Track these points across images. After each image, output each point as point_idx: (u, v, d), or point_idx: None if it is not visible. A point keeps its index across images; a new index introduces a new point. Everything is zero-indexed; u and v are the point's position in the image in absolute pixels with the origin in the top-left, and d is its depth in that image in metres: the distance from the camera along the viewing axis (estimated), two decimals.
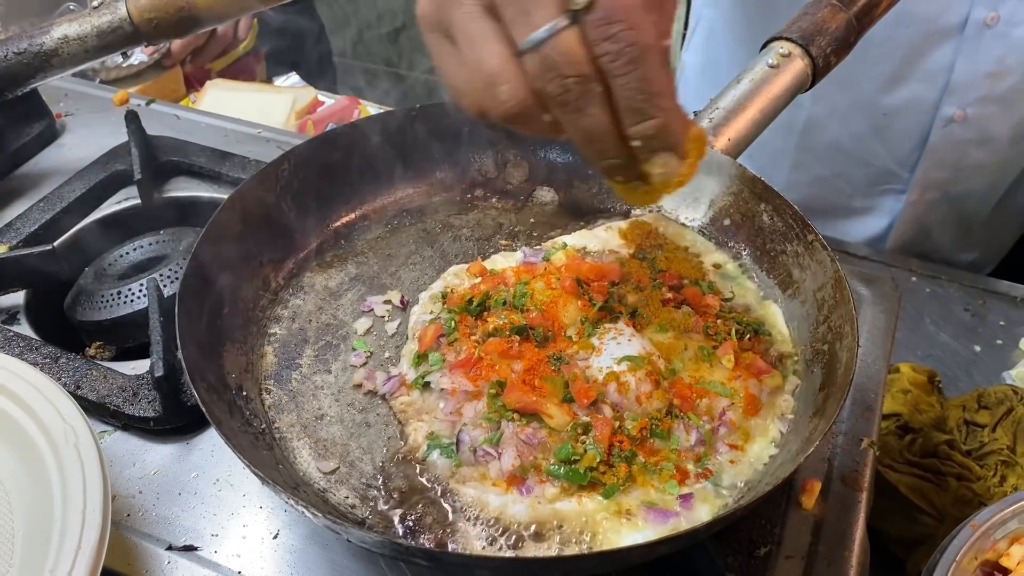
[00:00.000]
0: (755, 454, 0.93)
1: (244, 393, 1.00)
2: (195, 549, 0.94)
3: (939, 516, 1.16)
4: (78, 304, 1.22)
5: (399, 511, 0.90)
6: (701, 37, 1.89)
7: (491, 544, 0.86)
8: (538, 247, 1.17)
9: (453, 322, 1.03)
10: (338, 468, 0.95)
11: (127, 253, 1.30)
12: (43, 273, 1.22)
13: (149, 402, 1.05)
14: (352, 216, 1.23)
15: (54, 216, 1.36)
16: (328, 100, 2.09)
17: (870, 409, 1.06)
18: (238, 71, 2.36)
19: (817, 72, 1.16)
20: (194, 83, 2.21)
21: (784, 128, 1.66)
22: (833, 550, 0.92)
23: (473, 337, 1.01)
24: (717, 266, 1.14)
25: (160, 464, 1.03)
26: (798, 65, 1.14)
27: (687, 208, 1.20)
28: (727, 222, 1.16)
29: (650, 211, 1.22)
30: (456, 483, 0.91)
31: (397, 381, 1.02)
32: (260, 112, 1.85)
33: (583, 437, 0.90)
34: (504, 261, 1.15)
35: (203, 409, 0.86)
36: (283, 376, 1.04)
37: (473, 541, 0.86)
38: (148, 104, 1.69)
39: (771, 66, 1.14)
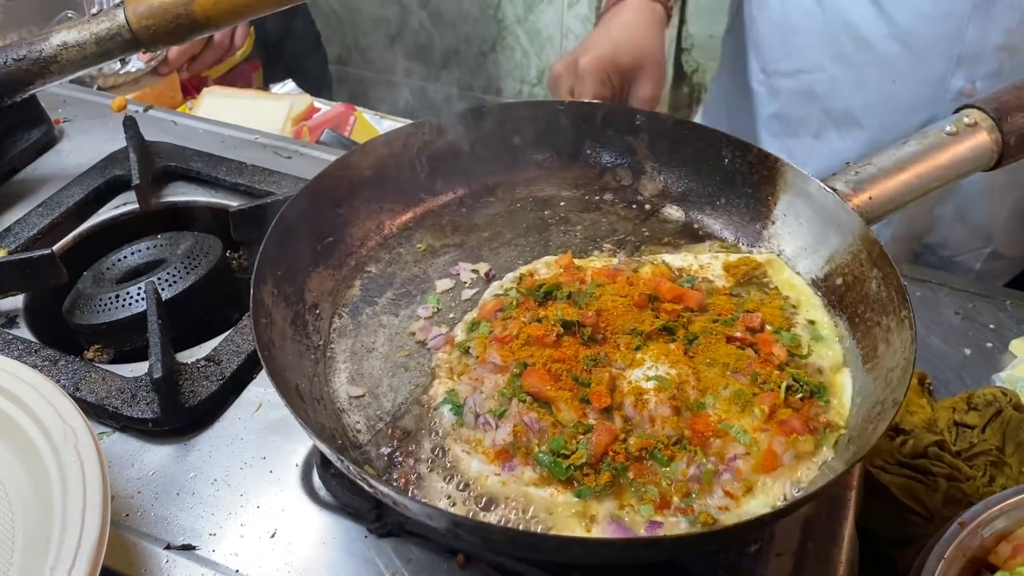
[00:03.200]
0: (749, 510, 0.89)
1: (317, 311, 1.09)
2: (193, 548, 0.95)
3: (929, 516, 1.17)
4: (77, 308, 1.23)
5: (391, 446, 0.96)
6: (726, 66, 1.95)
7: (451, 503, 0.90)
8: (638, 258, 1.18)
9: (516, 301, 1.07)
10: (364, 396, 1.02)
11: (125, 257, 1.31)
12: (42, 277, 1.23)
13: (147, 404, 1.06)
14: (479, 188, 1.29)
15: (53, 221, 1.37)
16: (324, 107, 2.10)
17: None
18: (235, 78, 2.38)
19: (1007, 151, 1.05)
20: (191, 90, 2.23)
21: (807, 94, 1.68)
22: (823, 547, 0.93)
23: (523, 319, 1.03)
24: (812, 322, 1.09)
25: (158, 465, 1.04)
26: (982, 139, 1.05)
27: (807, 258, 1.15)
28: (839, 281, 1.10)
29: (770, 252, 1.19)
30: (452, 440, 0.95)
31: (444, 338, 1.08)
32: (256, 119, 1.85)
33: (581, 436, 0.91)
34: (599, 263, 1.16)
35: (251, 305, 0.95)
36: (359, 308, 1.13)
37: (437, 493, 0.91)
38: (146, 110, 1.70)
39: (949, 133, 1.05)
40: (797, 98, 1.73)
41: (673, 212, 1.27)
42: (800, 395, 0.97)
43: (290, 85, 2.29)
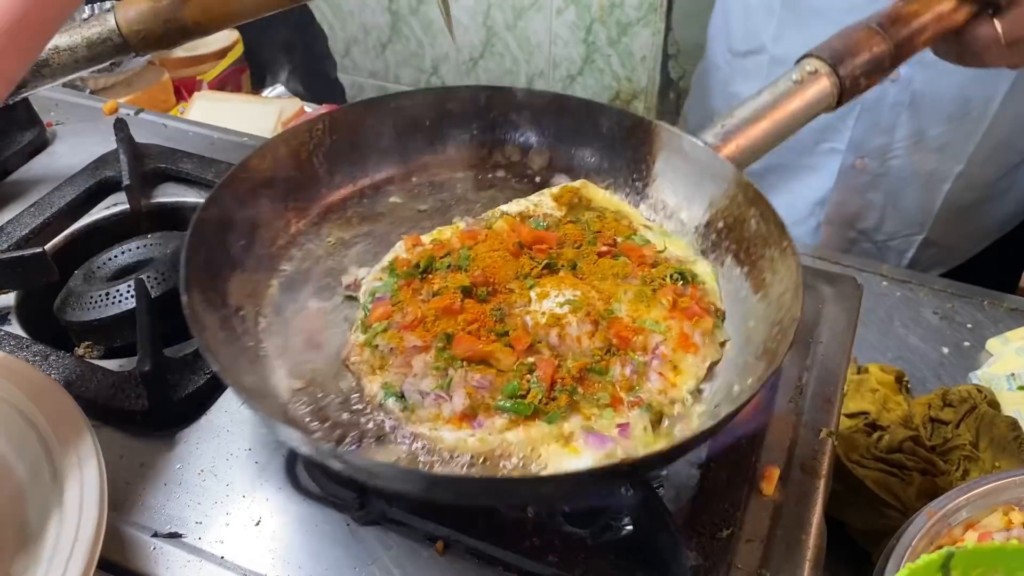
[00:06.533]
0: (687, 388, 0.98)
1: (241, 314, 1.06)
2: (180, 536, 0.97)
3: (904, 509, 1.20)
4: (67, 305, 1.25)
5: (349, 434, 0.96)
6: None
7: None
8: (480, 217, 1.21)
9: (397, 286, 1.07)
10: (306, 388, 1.01)
11: (115, 256, 1.33)
12: (34, 275, 1.24)
13: (136, 397, 1.08)
14: (378, 180, 1.29)
15: (44, 221, 1.39)
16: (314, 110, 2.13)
17: (829, 401, 1.10)
18: (225, 83, 2.40)
19: (844, 93, 1.15)
20: (183, 94, 2.25)
21: (754, 68, 1.71)
22: (791, 534, 0.95)
23: (419, 298, 1.05)
24: (647, 226, 1.19)
25: (146, 456, 1.06)
26: (823, 84, 1.14)
27: (689, 207, 1.21)
28: (721, 224, 1.17)
29: (653, 205, 1.25)
30: (412, 425, 0.95)
31: (349, 345, 1.05)
32: (247, 122, 1.88)
33: (528, 376, 0.95)
34: (448, 232, 1.18)
35: (186, 314, 0.92)
36: (281, 306, 1.11)
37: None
38: (137, 113, 1.72)
39: (795, 81, 1.14)
40: (758, 76, 1.75)
41: (562, 180, 1.30)
42: (682, 282, 1.07)
43: (279, 89, 2.32)
